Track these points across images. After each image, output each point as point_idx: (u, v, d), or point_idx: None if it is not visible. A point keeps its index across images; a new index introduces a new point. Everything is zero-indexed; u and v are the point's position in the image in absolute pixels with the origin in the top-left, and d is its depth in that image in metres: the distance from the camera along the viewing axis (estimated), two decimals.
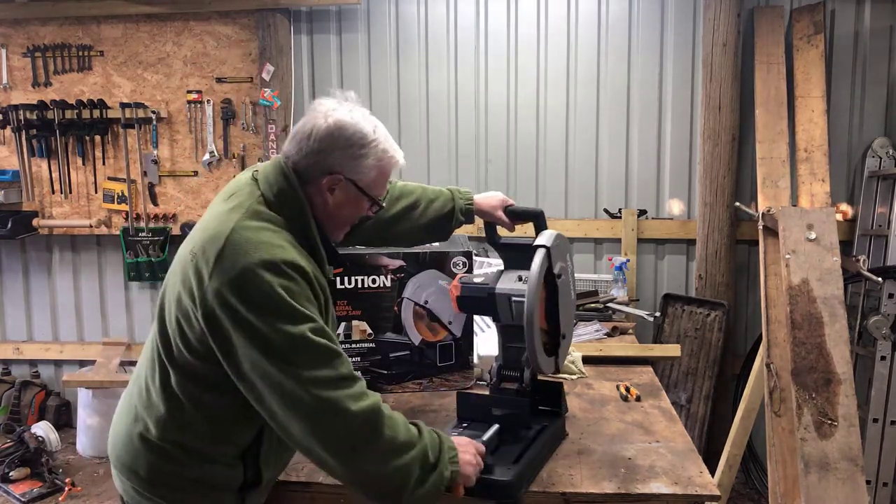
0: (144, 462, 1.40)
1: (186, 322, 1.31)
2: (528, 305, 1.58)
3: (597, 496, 1.55)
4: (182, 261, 1.35)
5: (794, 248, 2.79)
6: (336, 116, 1.38)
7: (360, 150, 1.39)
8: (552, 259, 1.66)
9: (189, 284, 1.29)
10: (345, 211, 1.45)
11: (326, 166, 1.38)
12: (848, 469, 2.45)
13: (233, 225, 1.30)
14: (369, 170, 1.42)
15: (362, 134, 1.39)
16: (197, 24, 3.99)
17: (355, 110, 1.42)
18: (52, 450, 3.65)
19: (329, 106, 1.40)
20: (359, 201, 1.45)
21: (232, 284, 1.24)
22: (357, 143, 1.38)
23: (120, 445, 1.46)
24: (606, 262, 3.90)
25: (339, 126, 1.37)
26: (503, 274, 1.74)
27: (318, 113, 1.39)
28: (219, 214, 1.36)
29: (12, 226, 3.96)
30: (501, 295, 1.69)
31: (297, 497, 1.61)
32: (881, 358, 3.25)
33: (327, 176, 1.39)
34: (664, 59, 3.83)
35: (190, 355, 1.33)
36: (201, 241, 1.32)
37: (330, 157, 1.38)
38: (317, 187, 1.40)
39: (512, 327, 1.72)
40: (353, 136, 1.38)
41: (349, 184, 1.41)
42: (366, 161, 1.40)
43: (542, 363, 1.66)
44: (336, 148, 1.37)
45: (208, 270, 1.27)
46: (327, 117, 1.38)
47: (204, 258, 1.28)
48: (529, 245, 1.68)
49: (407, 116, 4.02)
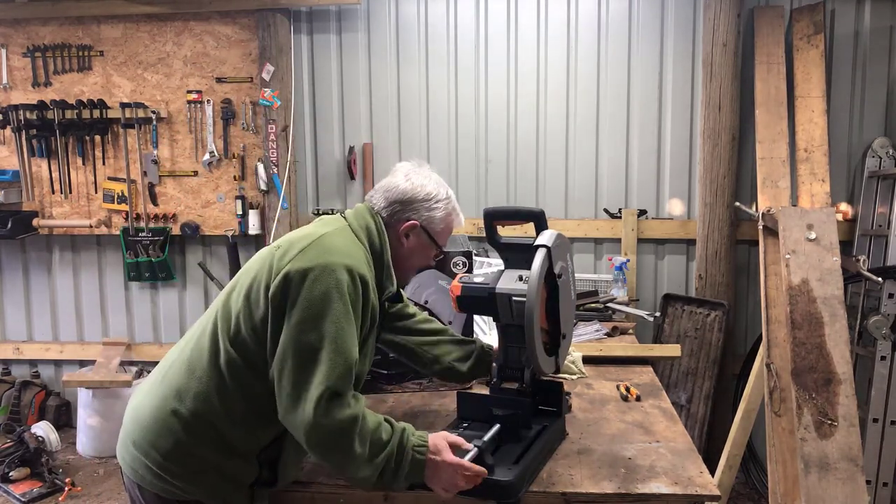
0: (171, 438, 1.48)
1: (255, 300, 1.48)
2: (529, 305, 1.59)
3: (597, 496, 1.55)
4: (265, 253, 1.56)
5: (794, 248, 2.79)
6: (417, 178, 1.70)
7: (435, 204, 1.69)
8: (553, 259, 1.67)
9: (269, 265, 1.49)
10: (415, 256, 1.72)
11: (406, 215, 1.68)
12: (848, 469, 2.45)
13: (322, 232, 1.55)
14: (439, 222, 1.70)
15: (437, 192, 1.70)
16: (197, 24, 3.99)
17: (432, 175, 1.73)
18: (52, 450, 3.65)
19: (408, 168, 1.72)
20: (427, 249, 1.72)
21: (308, 270, 1.44)
22: (433, 199, 1.69)
23: (147, 420, 1.51)
24: (606, 262, 3.90)
25: (421, 185, 1.69)
26: (503, 274, 1.75)
27: (400, 174, 1.71)
28: (309, 228, 1.62)
29: (12, 226, 3.96)
30: (502, 295, 1.69)
31: (297, 497, 1.61)
32: (881, 358, 3.25)
33: (406, 222, 1.67)
34: (664, 59, 3.84)
35: (248, 334, 1.48)
36: (289, 239, 1.56)
37: (409, 208, 1.67)
38: (396, 231, 1.68)
39: (512, 327, 1.73)
40: (429, 193, 1.69)
41: (422, 231, 1.69)
42: (438, 213, 1.69)
43: (542, 363, 1.66)
44: (416, 200, 1.68)
45: (291, 255, 1.48)
46: (409, 178, 1.69)
47: (289, 247, 1.51)
48: (529, 245, 1.70)
49: (407, 116, 4.02)
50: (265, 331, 1.46)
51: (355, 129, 4.07)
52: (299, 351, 1.42)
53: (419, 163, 1.75)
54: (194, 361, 1.52)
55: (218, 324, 1.52)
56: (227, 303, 1.54)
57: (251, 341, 1.48)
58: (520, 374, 1.79)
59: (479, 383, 2.25)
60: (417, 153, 4.02)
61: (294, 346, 1.42)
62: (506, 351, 1.81)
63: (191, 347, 1.56)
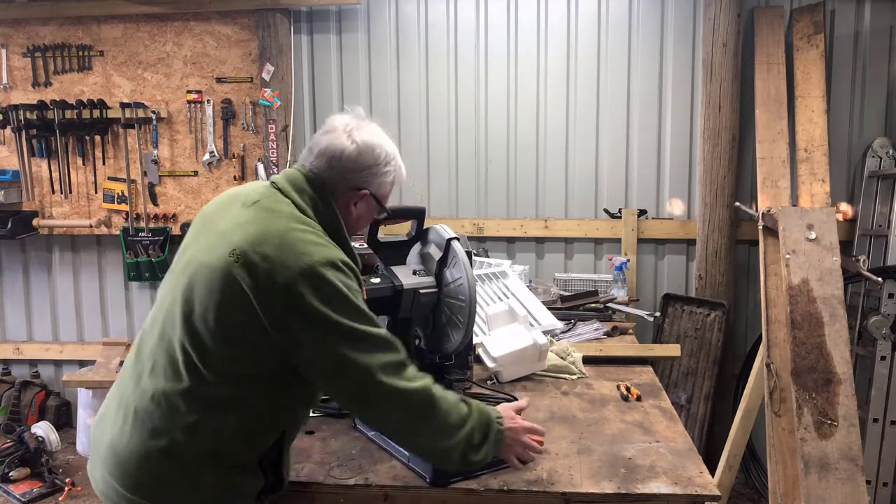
0: (166, 478, 1.37)
1: (237, 322, 1.33)
2: (471, 287, 1.74)
3: (597, 496, 1.55)
4: (216, 265, 1.34)
5: (794, 248, 2.79)
6: (362, 137, 1.49)
7: (385, 168, 1.53)
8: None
9: (238, 285, 1.31)
10: (362, 221, 1.59)
11: (355, 183, 1.50)
12: (848, 469, 2.45)
13: (283, 226, 1.37)
14: (389, 186, 1.57)
15: (386, 153, 1.53)
16: (197, 24, 3.99)
17: (376, 130, 1.54)
18: (52, 450, 3.65)
19: (348, 123, 1.51)
20: (372, 213, 1.59)
21: (301, 280, 1.31)
22: (383, 163, 1.52)
23: (133, 465, 1.37)
24: (606, 262, 3.90)
25: (370, 147, 1.50)
26: (394, 271, 1.85)
27: (341, 132, 1.49)
28: (253, 218, 1.39)
29: (12, 226, 3.96)
30: (409, 290, 1.79)
31: (297, 497, 1.61)
32: (881, 358, 3.25)
33: (355, 191, 1.51)
34: (664, 59, 3.84)
35: (238, 354, 1.35)
36: (244, 241, 1.34)
37: (359, 175, 1.50)
38: (344, 201, 1.51)
39: (405, 321, 1.85)
40: (379, 155, 1.51)
41: (372, 198, 1.54)
42: (388, 178, 1.55)
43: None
44: (365, 167, 1.50)
45: (267, 267, 1.31)
46: (352, 138, 1.48)
47: (258, 256, 1.32)
48: (405, 242, 1.93)
49: (407, 116, 4.02)
50: (267, 348, 1.35)
51: None
52: (346, 371, 1.36)
53: (357, 113, 1.54)
54: (168, 395, 1.36)
55: (191, 354, 1.35)
56: (191, 331, 1.35)
57: (249, 365, 1.37)
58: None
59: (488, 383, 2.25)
60: (417, 153, 4.02)
61: (341, 368, 1.35)
62: None
63: (156, 380, 1.39)
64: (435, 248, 1.86)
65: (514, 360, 2.31)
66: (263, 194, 1.45)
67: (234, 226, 1.38)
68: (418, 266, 1.88)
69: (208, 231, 1.43)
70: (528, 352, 2.31)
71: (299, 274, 1.31)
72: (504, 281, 3.07)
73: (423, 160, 4.03)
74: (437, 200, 4.05)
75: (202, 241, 1.42)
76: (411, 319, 1.86)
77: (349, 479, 1.61)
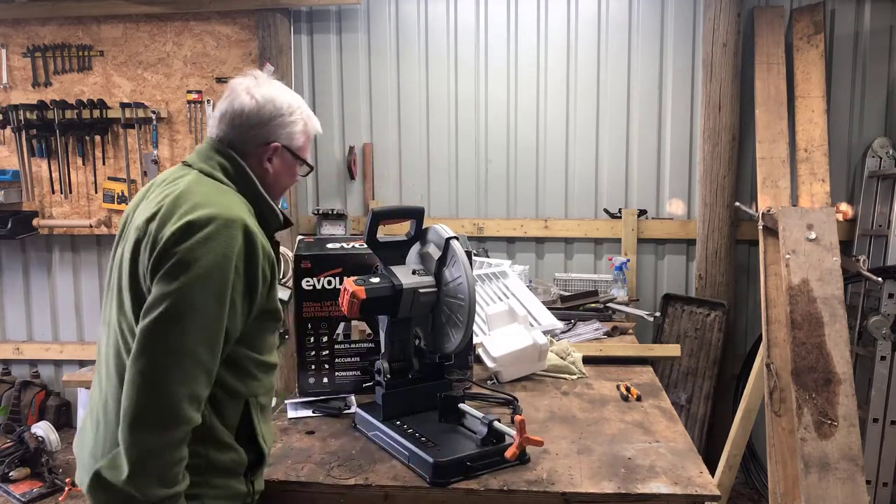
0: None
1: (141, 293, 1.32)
2: (470, 286, 1.73)
3: (597, 496, 1.54)
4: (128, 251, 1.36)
5: (794, 248, 2.79)
6: (262, 92, 1.48)
7: (291, 118, 1.50)
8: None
9: (141, 259, 1.32)
10: (283, 178, 1.55)
11: (263, 137, 1.48)
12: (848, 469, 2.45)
13: (176, 194, 1.35)
14: (299, 135, 1.53)
15: (289, 103, 1.50)
16: (197, 24, 3.99)
17: (276, 84, 1.52)
18: (52, 450, 3.65)
19: (248, 84, 1.49)
20: (293, 167, 1.56)
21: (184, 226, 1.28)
22: (287, 112, 1.50)
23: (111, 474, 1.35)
24: (606, 262, 3.90)
25: (270, 99, 1.48)
26: (393, 271, 1.84)
27: (240, 92, 1.48)
28: (157, 196, 1.39)
29: (12, 226, 3.96)
30: (409, 290, 1.78)
31: (297, 497, 1.61)
32: (881, 358, 3.25)
33: (264, 146, 1.48)
34: (664, 59, 3.84)
35: None
36: (145, 218, 1.35)
37: (265, 129, 1.48)
38: (256, 159, 1.49)
39: (403, 321, 1.85)
40: (281, 106, 1.49)
41: (285, 151, 1.52)
42: (296, 127, 1.52)
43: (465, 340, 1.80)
44: (270, 119, 1.47)
45: (158, 228, 1.30)
46: (252, 94, 1.47)
47: (151, 225, 1.32)
48: (404, 241, 1.91)
49: (407, 116, 4.02)
50: None
51: (355, 129, 4.07)
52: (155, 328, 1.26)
53: (255, 75, 1.52)
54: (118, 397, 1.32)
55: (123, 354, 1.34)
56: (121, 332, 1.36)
57: None
58: (407, 364, 1.88)
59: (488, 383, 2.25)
60: (417, 153, 4.02)
61: (155, 321, 1.26)
62: (391, 346, 1.87)
63: (110, 379, 1.38)
64: (434, 248, 1.87)
65: (514, 360, 2.31)
66: (173, 173, 1.46)
67: (142, 210, 1.40)
68: (418, 266, 1.88)
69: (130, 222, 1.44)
70: (528, 352, 2.31)
71: (186, 223, 1.28)
72: (504, 281, 3.07)
73: (423, 160, 4.04)
74: (436, 200, 4.05)
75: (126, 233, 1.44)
76: (411, 319, 1.86)
77: (349, 479, 1.60)
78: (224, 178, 1.44)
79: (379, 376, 1.85)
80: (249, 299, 1.37)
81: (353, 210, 4.11)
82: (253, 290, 1.37)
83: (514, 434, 1.61)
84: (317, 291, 2.10)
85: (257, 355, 1.45)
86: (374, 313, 1.92)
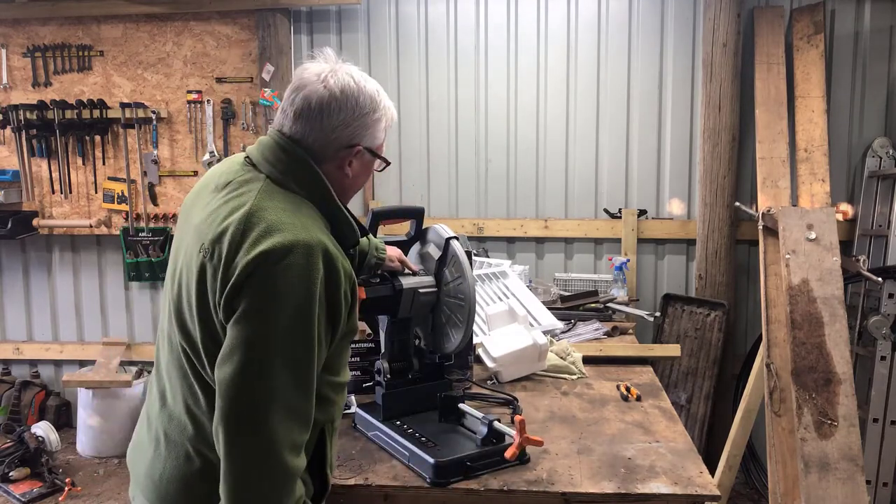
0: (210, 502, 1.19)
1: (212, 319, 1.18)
2: (470, 286, 1.74)
3: (597, 496, 1.55)
4: (192, 265, 1.21)
5: (794, 248, 2.79)
6: (341, 83, 1.28)
7: (376, 115, 1.32)
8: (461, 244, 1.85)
9: (209, 281, 1.17)
10: (360, 179, 1.39)
11: (344, 140, 1.29)
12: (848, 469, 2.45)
13: (246, 211, 1.18)
14: (381, 133, 1.36)
15: (372, 98, 1.31)
16: (197, 24, 3.99)
17: (355, 72, 1.32)
18: (52, 450, 3.65)
19: (322, 72, 1.29)
20: (370, 166, 1.39)
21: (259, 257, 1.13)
22: (371, 109, 1.31)
23: (173, 492, 1.27)
24: (606, 262, 3.90)
25: (349, 94, 1.28)
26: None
27: (315, 82, 1.28)
28: (220, 204, 1.24)
29: (12, 226, 3.96)
30: (409, 290, 1.78)
31: None
32: (881, 358, 3.25)
33: (346, 149, 1.30)
34: (664, 59, 3.84)
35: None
36: (210, 233, 1.19)
37: (347, 130, 1.29)
38: (337, 164, 1.31)
39: (403, 321, 1.85)
40: (365, 102, 1.29)
41: (366, 152, 1.34)
42: (381, 125, 1.34)
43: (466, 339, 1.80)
44: (352, 119, 1.28)
45: (226, 258, 1.15)
46: (328, 86, 1.27)
47: (219, 247, 1.17)
48: (404, 241, 1.91)
49: (407, 116, 4.02)
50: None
51: None
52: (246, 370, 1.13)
53: (327, 56, 1.31)
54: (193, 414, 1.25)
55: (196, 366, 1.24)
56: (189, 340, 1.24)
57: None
58: (407, 364, 1.88)
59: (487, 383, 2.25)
60: (417, 153, 4.02)
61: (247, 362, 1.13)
62: (392, 346, 1.87)
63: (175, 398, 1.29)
64: (434, 248, 1.87)
65: (514, 360, 2.31)
66: (236, 173, 1.29)
67: (204, 217, 1.24)
68: (418, 265, 1.88)
69: (187, 227, 1.30)
70: (527, 352, 2.31)
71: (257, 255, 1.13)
72: (504, 281, 3.07)
73: (423, 160, 4.04)
74: (436, 200, 4.05)
75: (184, 240, 1.29)
76: (411, 319, 1.86)
77: (349, 479, 1.60)
78: (297, 189, 1.26)
79: (379, 376, 1.85)
80: (333, 328, 1.23)
81: (352, 210, 4.09)
82: (336, 318, 1.22)
83: (514, 434, 1.61)
84: None
85: (334, 378, 1.31)
86: (374, 313, 1.93)
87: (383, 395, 1.83)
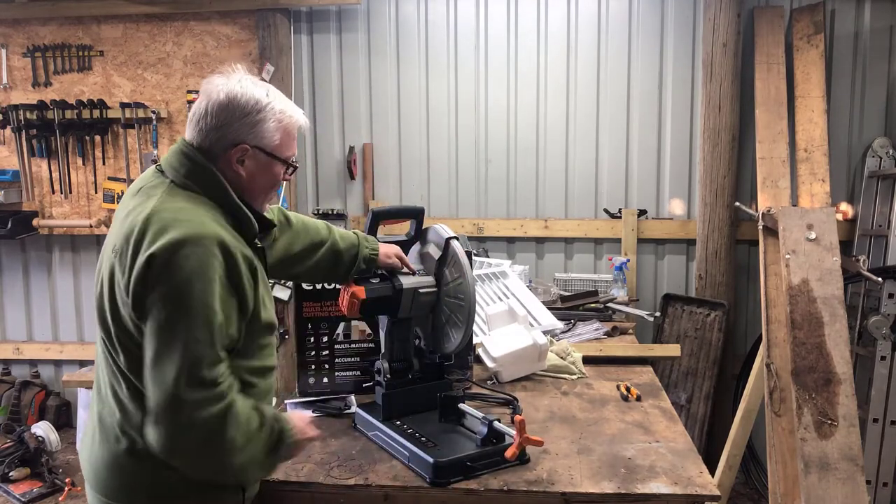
0: (136, 477, 1.36)
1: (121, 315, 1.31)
2: (470, 286, 1.74)
3: (597, 496, 1.55)
4: (106, 266, 1.35)
5: (794, 248, 2.79)
6: (226, 89, 1.40)
7: (258, 116, 1.41)
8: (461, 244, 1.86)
9: (117, 278, 1.30)
10: (260, 180, 1.45)
11: (229, 139, 1.40)
12: (848, 469, 2.45)
13: (149, 210, 1.31)
14: (272, 133, 1.43)
15: (256, 100, 1.41)
16: (197, 24, 3.99)
17: (244, 79, 1.43)
18: (52, 450, 3.65)
19: (218, 82, 1.42)
20: (271, 167, 1.46)
21: (157, 256, 1.25)
22: (253, 110, 1.40)
23: (104, 471, 1.39)
24: (606, 262, 3.90)
25: (232, 97, 1.39)
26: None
27: (210, 92, 1.41)
28: (132, 208, 1.36)
29: (12, 226, 3.96)
30: (409, 290, 1.79)
31: (296, 497, 1.61)
32: (881, 358, 3.25)
33: (232, 148, 1.40)
34: (664, 59, 3.84)
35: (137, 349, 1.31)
36: (120, 235, 1.32)
37: (230, 130, 1.39)
38: (226, 162, 1.41)
39: (403, 321, 1.85)
40: (247, 103, 1.40)
41: (256, 151, 1.42)
42: (266, 125, 1.42)
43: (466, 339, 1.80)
44: (234, 119, 1.39)
45: (133, 252, 1.27)
46: (219, 93, 1.39)
47: (127, 245, 1.29)
48: (404, 241, 1.92)
49: (407, 116, 4.02)
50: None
51: (355, 129, 4.07)
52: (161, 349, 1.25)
53: (231, 69, 1.46)
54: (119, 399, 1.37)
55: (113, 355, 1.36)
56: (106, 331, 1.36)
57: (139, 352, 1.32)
58: (407, 364, 1.88)
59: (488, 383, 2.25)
60: (417, 153, 4.02)
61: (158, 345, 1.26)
62: (391, 346, 1.87)
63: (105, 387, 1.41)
64: (434, 248, 1.87)
65: (514, 360, 2.31)
66: (148, 180, 1.42)
67: (119, 221, 1.38)
68: (417, 266, 1.88)
69: (110, 233, 1.42)
70: (527, 352, 2.31)
71: (156, 251, 1.25)
72: (504, 281, 3.07)
73: (423, 160, 4.03)
74: (436, 200, 4.05)
75: (106, 243, 1.41)
76: (411, 319, 1.86)
77: (349, 479, 1.60)
78: (197, 189, 1.37)
79: (379, 376, 1.85)
80: (241, 306, 1.35)
81: (353, 210, 4.11)
82: (243, 296, 1.35)
83: (514, 434, 1.61)
84: (317, 291, 2.11)
85: (249, 362, 1.41)
86: (375, 313, 1.93)
87: (383, 395, 1.83)
